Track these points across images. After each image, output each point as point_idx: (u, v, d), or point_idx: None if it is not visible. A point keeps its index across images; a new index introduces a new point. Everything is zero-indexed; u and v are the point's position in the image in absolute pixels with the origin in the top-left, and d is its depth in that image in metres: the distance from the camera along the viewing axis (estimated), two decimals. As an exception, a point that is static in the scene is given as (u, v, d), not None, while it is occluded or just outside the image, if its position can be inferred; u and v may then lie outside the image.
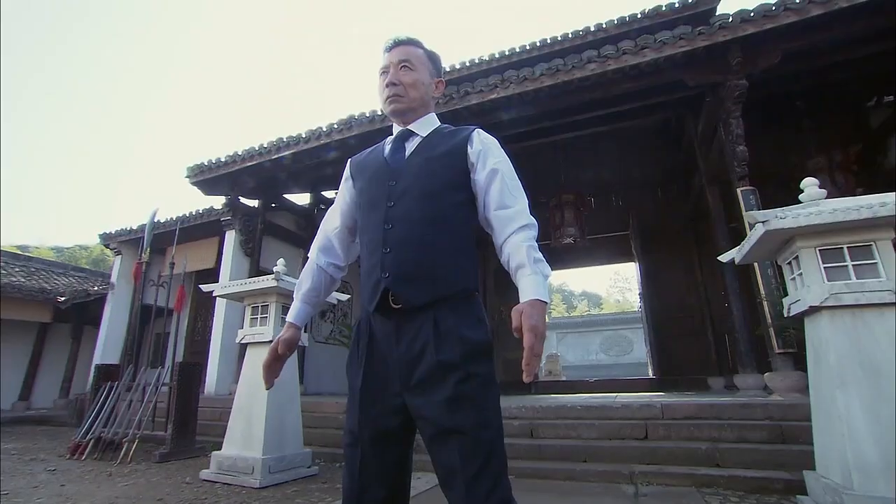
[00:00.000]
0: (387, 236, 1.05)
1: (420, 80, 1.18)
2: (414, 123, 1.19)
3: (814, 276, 2.40)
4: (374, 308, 1.03)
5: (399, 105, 1.16)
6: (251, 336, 3.74)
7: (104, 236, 9.49)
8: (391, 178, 1.11)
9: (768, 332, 4.17)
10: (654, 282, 7.89)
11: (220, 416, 5.24)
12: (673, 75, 4.98)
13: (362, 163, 1.21)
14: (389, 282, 1.01)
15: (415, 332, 1.00)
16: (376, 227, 1.07)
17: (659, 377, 7.37)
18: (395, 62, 1.17)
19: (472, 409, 0.93)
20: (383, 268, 1.03)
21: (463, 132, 1.15)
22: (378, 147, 1.22)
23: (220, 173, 7.07)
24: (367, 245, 1.10)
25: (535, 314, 0.90)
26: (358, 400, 1.02)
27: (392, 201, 1.08)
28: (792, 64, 4.60)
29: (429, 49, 1.24)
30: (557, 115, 6.03)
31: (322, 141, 6.33)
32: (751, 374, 4.82)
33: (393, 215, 1.06)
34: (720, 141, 5.19)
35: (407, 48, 1.20)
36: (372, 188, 1.13)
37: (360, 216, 1.15)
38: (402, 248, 1.03)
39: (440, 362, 0.96)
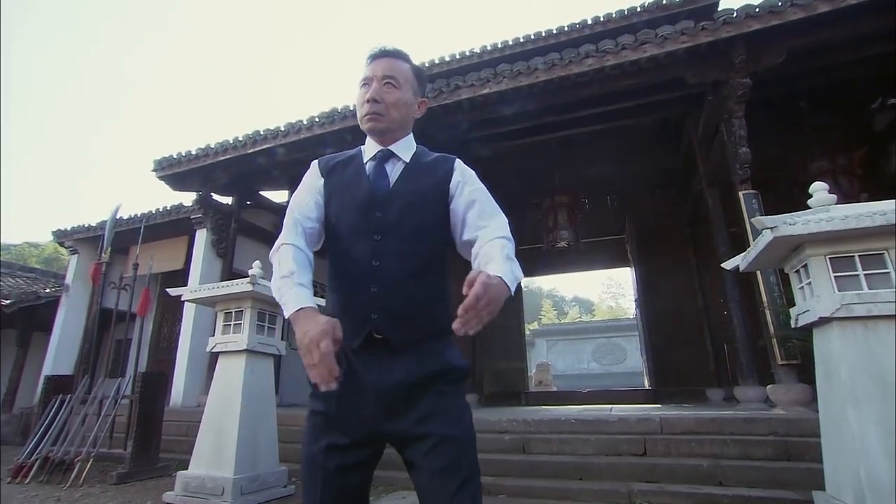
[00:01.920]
0: (375, 273, 1.05)
1: (403, 99, 1.17)
2: (395, 145, 1.18)
3: (824, 286, 2.40)
4: (359, 345, 1.04)
5: (378, 125, 1.15)
6: (223, 344, 3.64)
7: (58, 233, 9.13)
8: (377, 208, 1.10)
9: (771, 342, 4.21)
10: (650, 288, 7.93)
11: (186, 430, 5.08)
12: (673, 72, 5.01)
13: (338, 174, 1.18)
14: (379, 323, 1.03)
15: (397, 360, 1.03)
16: (361, 260, 1.07)
17: (655, 388, 7.41)
18: (379, 76, 1.15)
19: (458, 422, 1.01)
20: (373, 307, 1.04)
21: (446, 163, 1.18)
22: (353, 160, 1.19)
23: (190, 167, 6.92)
24: (346, 275, 1.09)
25: (495, 281, 0.88)
26: (327, 426, 1.03)
27: (379, 234, 1.07)
28: (796, 63, 4.66)
29: (415, 65, 1.23)
30: (552, 112, 6.03)
31: (302, 135, 6.24)
32: (752, 386, 4.85)
33: (381, 250, 1.06)
34: (721, 142, 5.23)
35: (393, 62, 1.18)
36: (354, 214, 1.11)
37: (335, 236, 1.13)
38: (392, 287, 1.05)
39: (425, 378, 1.01)
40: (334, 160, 1.21)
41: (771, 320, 4.27)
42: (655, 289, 7.87)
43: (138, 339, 5.09)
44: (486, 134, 6.31)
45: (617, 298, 41.85)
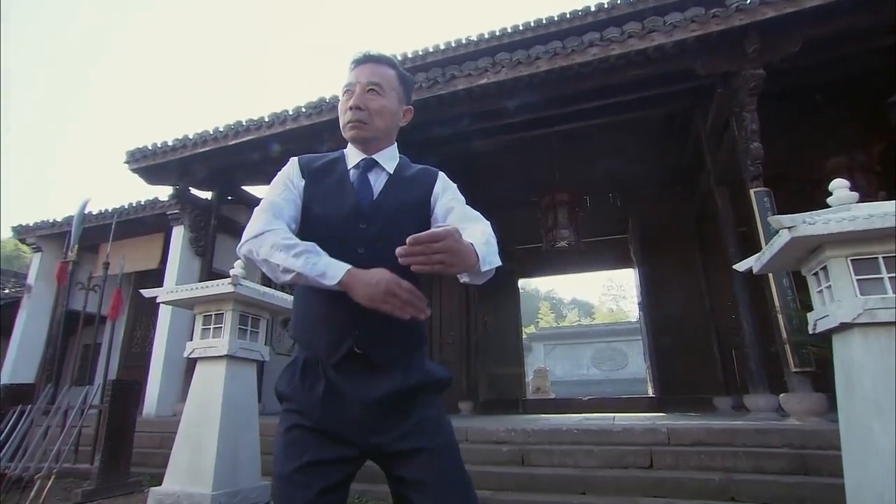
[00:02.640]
0: None
1: (388, 107, 1.19)
2: (379, 154, 1.20)
3: (845, 289, 2.36)
4: (338, 361, 1.04)
5: (361, 133, 1.16)
6: (202, 349, 3.55)
7: (19, 229, 8.90)
8: (361, 219, 1.10)
9: (784, 348, 4.20)
10: (654, 290, 7.94)
11: (160, 442, 4.99)
12: (682, 63, 5.00)
13: (320, 179, 1.17)
14: (360, 338, 1.04)
15: (378, 374, 1.05)
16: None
17: (660, 396, 7.41)
18: (363, 83, 1.17)
19: (448, 434, 1.07)
20: (353, 323, 1.04)
21: (428, 176, 1.21)
22: (336, 166, 1.19)
23: (166, 159, 6.82)
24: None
25: (464, 242, 0.91)
26: (309, 441, 1.02)
27: (363, 248, 1.08)
28: (811, 53, 4.66)
29: (401, 71, 1.25)
30: (553, 105, 6.01)
31: (288, 126, 6.17)
32: (762, 395, 4.85)
33: (363, 264, 1.03)
34: (731, 137, 5.23)
35: (378, 68, 1.19)
36: (336, 224, 1.11)
37: (308, 240, 1.09)
38: None
39: (409, 390, 1.05)
40: (316, 162, 1.20)
41: (784, 325, 4.26)
42: (660, 291, 7.88)
43: (108, 344, 4.97)
44: (483, 127, 6.28)
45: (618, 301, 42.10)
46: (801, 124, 6.28)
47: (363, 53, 1.21)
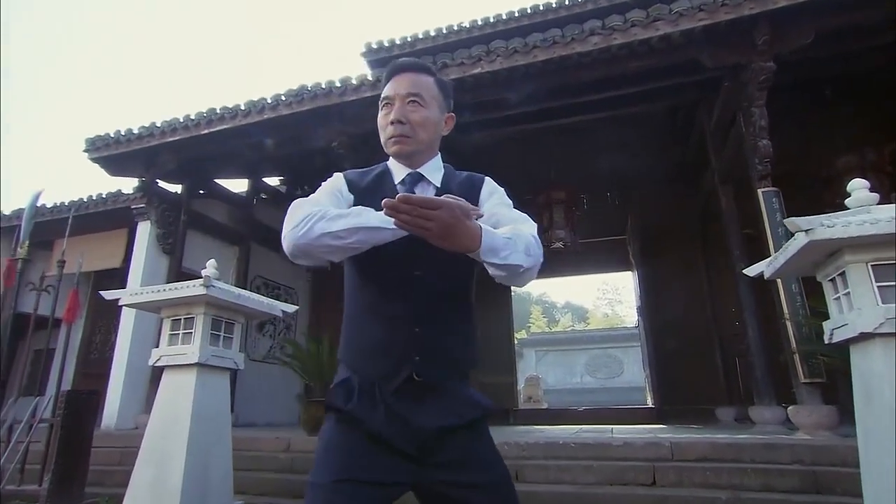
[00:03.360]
0: (416, 311, 1.10)
1: (430, 118, 1.20)
2: (424, 167, 1.22)
3: (865, 297, 2.34)
4: (395, 389, 1.07)
5: (406, 147, 1.18)
6: (170, 357, 3.45)
7: (-40, 223, 8.67)
8: (417, 239, 1.07)
9: (793, 357, 4.21)
10: (654, 294, 7.97)
11: (120, 458, 4.84)
12: (688, 54, 5.01)
13: (369, 196, 1.17)
14: (420, 365, 1.07)
15: (433, 402, 1.08)
16: (400, 297, 1.11)
17: (659, 406, 7.43)
18: (403, 95, 1.18)
19: (499, 463, 1.12)
20: (415, 348, 1.08)
21: (475, 183, 1.24)
22: (384, 182, 1.22)
23: (131, 149, 6.65)
24: (380, 312, 1.12)
25: (471, 223, 0.91)
26: (359, 458, 1.04)
27: (419, 269, 1.11)
28: (822, 46, 4.68)
29: (439, 77, 1.27)
30: (550, 97, 5.98)
31: (266, 115, 6.07)
32: (769, 406, 4.87)
33: (422, 287, 1.10)
34: (738, 133, 5.24)
35: (416, 77, 1.21)
36: (390, 245, 1.08)
37: (361, 268, 1.15)
38: (433, 326, 1.11)
39: (464, 422, 1.08)
40: (363, 179, 1.22)
41: (792, 333, 4.28)
42: (660, 295, 7.91)
43: (63, 350, 4.80)
44: (476, 119, 6.22)
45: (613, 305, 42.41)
46: (809, 121, 6.34)
47: (399, 64, 1.23)
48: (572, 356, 22.44)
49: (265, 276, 8.50)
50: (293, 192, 9.48)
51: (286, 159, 7.96)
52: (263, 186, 8.82)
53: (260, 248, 8.40)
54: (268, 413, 7.73)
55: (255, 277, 8.27)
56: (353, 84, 5.74)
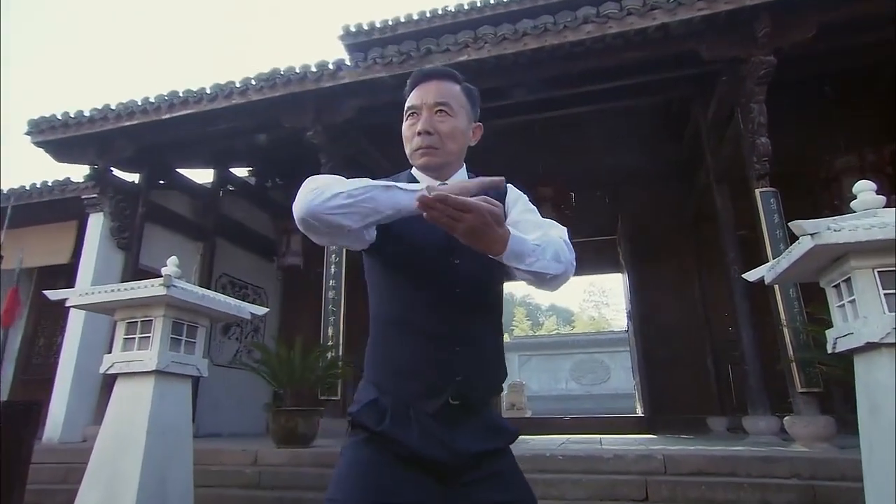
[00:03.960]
0: (457, 329, 1.11)
1: (458, 128, 1.21)
2: (454, 178, 1.23)
3: (871, 305, 2.36)
4: (433, 411, 1.08)
5: (435, 159, 1.19)
6: (124, 364, 3.33)
7: None
8: (454, 253, 1.12)
9: (790, 366, 4.26)
10: (644, 298, 8.03)
11: (65, 476, 4.65)
12: (685, 45, 5.04)
13: None
14: (461, 386, 1.09)
15: (467, 425, 1.10)
16: (439, 314, 1.12)
17: (649, 415, 7.50)
18: (430, 104, 1.19)
19: (523, 484, 1.16)
20: (455, 368, 1.10)
21: (498, 190, 1.25)
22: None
23: (81, 133, 6.42)
24: (417, 330, 1.12)
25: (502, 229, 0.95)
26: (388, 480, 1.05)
27: (459, 286, 1.13)
28: (823, 41, 4.74)
29: (466, 84, 1.28)
30: (540, 88, 5.99)
31: (234, 100, 5.94)
32: (763, 416, 4.94)
33: (462, 304, 1.12)
34: (736, 130, 5.30)
35: (443, 85, 1.22)
36: (426, 260, 1.14)
37: (394, 283, 1.16)
38: (475, 345, 1.14)
39: (496, 447, 1.12)
40: None
41: (790, 340, 4.33)
42: (651, 299, 7.98)
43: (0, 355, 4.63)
44: None
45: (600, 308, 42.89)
46: (807, 119, 6.45)
47: (425, 70, 1.24)
48: (557, 361, 22.59)
49: (232, 274, 8.33)
50: (263, 184, 9.33)
51: (256, 149, 7.81)
52: (230, 177, 8.63)
53: (226, 243, 8.23)
54: (233, 423, 7.57)
55: (220, 276, 8.10)
56: (329, 69, 5.64)
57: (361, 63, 5.53)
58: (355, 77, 5.55)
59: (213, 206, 8.10)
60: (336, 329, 5.73)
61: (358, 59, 5.78)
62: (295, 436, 4.70)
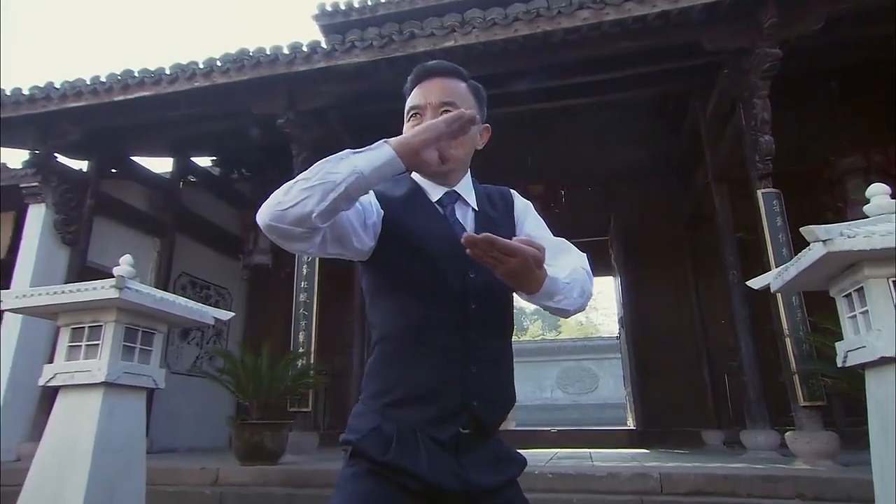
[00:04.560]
0: (472, 349, 1.11)
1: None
2: (460, 185, 1.24)
3: (885, 317, 2.37)
4: (448, 438, 1.07)
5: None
6: (68, 375, 3.21)
7: None
8: (468, 265, 1.10)
9: (792, 378, 4.30)
10: (637, 303, 8.07)
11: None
12: (686, 35, 5.08)
13: (405, 214, 1.18)
14: (477, 411, 1.09)
15: (478, 453, 1.11)
16: (452, 333, 1.10)
17: (641, 428, 7.54)
18: (435, 104, 1.18)
19: None
20: (471, 392, 1.09)
21: (506, 202, 1.32)
22: (416, 198, 1.22)
23: (20, 114, 6.19)
24: (429, 349, 1.10)
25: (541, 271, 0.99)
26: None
27: (475, 302, 1.12)
28: (828, 34, 4.79)
29: (473, 82, 1.27)
30: (530, 78, 5.96)
31: (197, 83, 5.81)
32: (762, 431, 4.99)
33: (477, 321, 1.12)
34: (737, 127, 5.35)
35: (449, 83, 1.21)
36: (439, 273, 1.13)
37: (402, 297, 1.14)
38: (491, 366, 1.14)
39: (508, 478, 1.14)
40: (393, 191, 1.21)
41: (792, 351, 4.36)
42: (644, 304, 8.02)
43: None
44: None
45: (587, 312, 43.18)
46: (811, 116, 6.54)
47: (429, 67, 1.22)
48: (542, 368, 22.66)
49: (192, 273, 8.15)
50: (228, 175, 9.16)
51: (221, 136, 7.68)
52: (192, 167, 8.46)
53: (186, 239, 8.05)
54: (191, 436, 7.40)
55: (179, 275, 7.92)
56: (303, 52, 5.53)
57: (338, 46, 5.43)
58: (332, 61, 5.46)
59: (172, 199, 7.91)
60: (307, 335, 5.63)
61: (335, 41, 5.67)
62: (261, 452, 4.60)
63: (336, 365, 7.56)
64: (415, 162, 1.01)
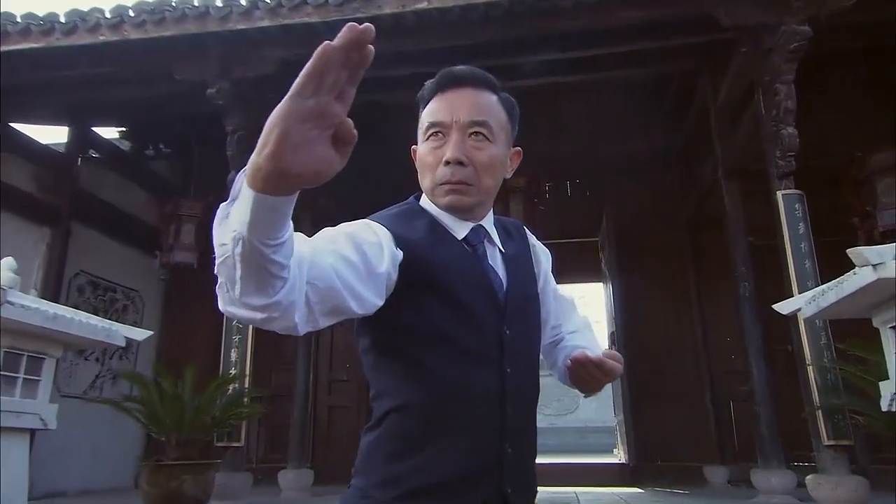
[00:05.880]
0: (506, 426, 1.08)
1: (498, 158, 1.18)
2: (486, 220, 1.23)
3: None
4: None
5: (467, 199, 1.15)
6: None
7: None
8: (503, 319, 1.13)
9: (816, 413, 4.33)
10: (630, 315, 8.09)
11: None
12: (700, 5, 5.13)
13: (430, 254, 1.10)
14: (511, 498, 1.07)
15: None
16: (483, 402, 1.08)
17: (634, 462, 7.58)
18: (463, 122, 1.14)
19: None
20: (506, 476, 1.07)
21: (520, 233, 1.32)
22: (438, 235, 1.16)
23: None
24: (453, 420, 1.06)
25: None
26: None
27: (510, 365, 1.11)
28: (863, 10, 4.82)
29: (506, 95, 1.23)
30: (514, 51, 5.99)
31: (103, 37, 5.56)
32: (777, 471, 5.05)
33: (512, 387, 1.10)
34: (756, 116, 5.37)
35: (480, 97, 1.17)
36: (472, 327, 1.10)
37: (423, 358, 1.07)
38: (521, 445, 1.13)
39: None
40: (410, 230, 1.12)
41: (815, 382, 4.39)
42: (637, 317, 8.06)
43: None
44: (414, 72, 6.01)
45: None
46: (835, 104, 6.64)
47: (457, 73, 1.17)
48: (513, 385, 22.77)
49: (93, 272, 7.76)
50: (141, 152, 8.80)
51: (132, 104, 7.42)
52: (94, 140, 8.08)
53: (86, 230, 7.65)
54: (85, 475, 7.04)
55: (76, 274, 7.53)
56: (241, 5, 5.35)
57: (286, 2, 5.24)
58: (277, 19, 5.28)
59: (67, 179, 7.50)
60: (241, 351, 5.48)
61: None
62: (180, 499, 4.40)
63: (274, 384, 7.37)
64: (286, 184, 0.69)
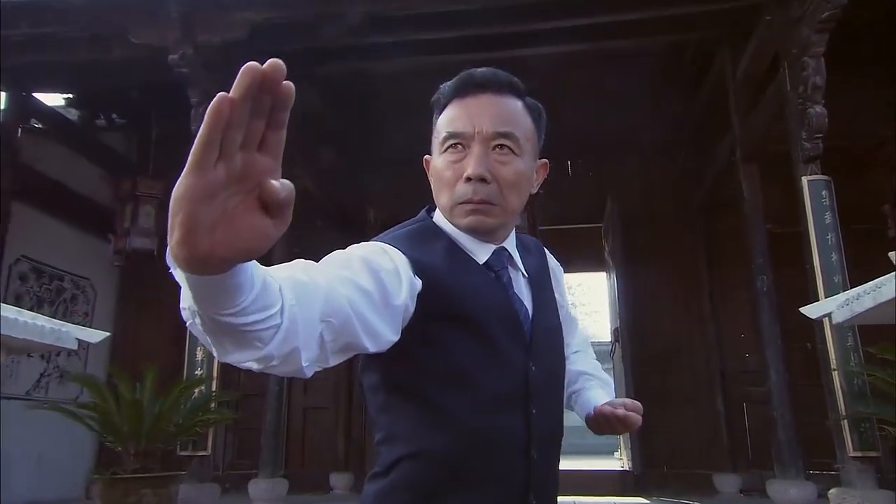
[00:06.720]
0: (532, 475, 1.10)
1: (524, 173, 1.17)
2: (509, 241, 1.23)
3: None
4: None
5: (490, 221, 1.14)
6: None
7: None
8: (529, 355, 1.13)
9: (841, 423, 4.37)
10: (636, 309, 8.08)
11: None
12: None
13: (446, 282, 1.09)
14: None
15: None
16: (507, 445, 1.08)
17: (639, 469, 7.63)
18: (487, 133, 1.12)
19: None
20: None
21: (539, 251, 1.36)
22: (458, 259, 1.15)
23: None
24: (477, 472, 1.06)
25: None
26: None
27: (535, 406, 1.11)
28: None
29: (532, 100, 1.24)
30: (506, 17, 6.01)
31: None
32: (795, 481, 5.11)
33: (536, 432, 1.11)
34: (781, 92, 5.35)
35: (505, 104, 1.16)
36: (498, 360, 1.10)
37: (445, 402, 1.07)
38: (545, 496, 1.14)
39: None
40: (428, 255, 1.10)
41: (840, 388, 4.42)
42: (644, 311, 8.07)
43: None
44: (394, 40, 6.07)
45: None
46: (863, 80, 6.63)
47: (477, 77, 1.15)
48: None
49: (37, 257, 7.64)
50: (91, 122, 8.64)
51: (80, 69, 7.23)
52: (36, 107, 7.89)
53: (28, 210, 7.50)
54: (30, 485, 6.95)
55: (17, 259, 7.40)
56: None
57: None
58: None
59: (5, 152, 7.35)
60: (208, 351, 5.35)
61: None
62: (140, 515, 4.38)
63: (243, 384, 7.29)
64: (212, 267, 0.61)
